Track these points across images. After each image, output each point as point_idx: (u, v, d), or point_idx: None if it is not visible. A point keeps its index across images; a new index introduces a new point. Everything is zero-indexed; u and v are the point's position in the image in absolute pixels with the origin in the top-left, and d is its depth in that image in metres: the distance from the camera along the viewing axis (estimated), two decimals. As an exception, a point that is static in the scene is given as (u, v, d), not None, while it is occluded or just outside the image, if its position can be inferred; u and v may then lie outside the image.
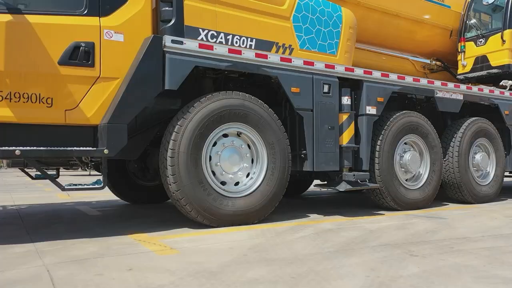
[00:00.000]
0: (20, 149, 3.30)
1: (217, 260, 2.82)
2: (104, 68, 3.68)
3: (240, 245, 3.32)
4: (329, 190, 8.47)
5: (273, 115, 4.52)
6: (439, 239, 3.58)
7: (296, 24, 4.79)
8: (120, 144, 3.65)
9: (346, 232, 3.92)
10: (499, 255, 3.00)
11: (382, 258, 2.89)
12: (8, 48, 3.33)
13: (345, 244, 3.35)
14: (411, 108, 6.61)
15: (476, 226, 4.27)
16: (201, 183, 4.02)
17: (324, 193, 8.23)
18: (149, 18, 3.94)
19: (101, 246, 3.24)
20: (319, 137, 4.85)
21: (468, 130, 6.43)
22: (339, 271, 2.57)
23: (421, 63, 8.26)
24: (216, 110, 4.13)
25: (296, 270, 2.59)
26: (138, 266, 2.65)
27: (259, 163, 4.46)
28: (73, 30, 3.58)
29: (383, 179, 5.37)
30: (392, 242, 3.46)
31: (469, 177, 6.33)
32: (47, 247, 3.24)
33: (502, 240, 3.58)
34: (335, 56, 5.12)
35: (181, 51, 3.96)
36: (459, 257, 2.94)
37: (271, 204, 4.46)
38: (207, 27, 4.16)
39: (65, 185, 3.59)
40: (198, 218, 4.05)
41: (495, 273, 2.55)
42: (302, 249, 3.18)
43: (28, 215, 5.15)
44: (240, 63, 4.32)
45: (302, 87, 4.73)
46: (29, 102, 3.39)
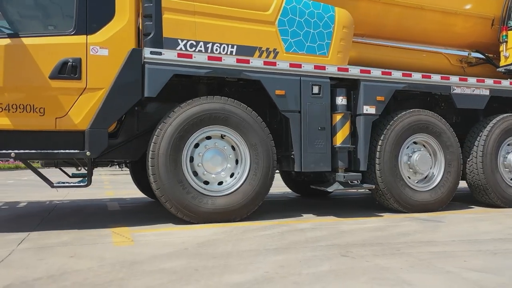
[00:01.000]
0: (15, 152, 3.92)
1: (153, 252, 3.12)
2: (90, 80, 4.17)
3: (195, 240, 3.58)
4: (360, 191, 8.31)
5: (256, 117, 4.70)
6: (399, 242, 3.51)
7: (281, 28, 4.90)
8: (101, 147, 4.12)
9: (313, 232, 3.98)
10: (435, 259, 2.90)
11: (307, 257, 2.97)
12: (7, 67, 3.94)
13: (292, 243, 3.44)
14: (433, 106, 6.33)
15: (461, 231, 4.06)
16: (181, 182, 4.35)
17: (353, 194, 8.10)
18: (132, 32, 4.36)
19: (76, 237, 3.72)
20: (308, 138, 4.91)
21: (496, 128, 5.97)
22: (248, 266, 2.72)
23: (457, 57, 7.75)
24: (195, 114, 4.43)
25: (209, 263, 2.79)
26: (81, 254, 3.05)
27: (243, 163, 4.67)
28: (62, 48, 4.11)
29: (384, 180, 5.25)
30: (344, 243, 3.48)
31: (497, 179, 5.88)
32: (35, 236, 3.80)
33: (466, 245, 3.40)
34: (326, 57, 5.13)
35: (160, 61, 4.33)
36: (389, 259, 2.91)
37: (254, 203, 4.64)
38: (186, 37, 4.47)
39: (55, 182, 4.15)
40: (178, 214, 4.38)
41: (400, 275, 2.52)
42: (245, 246, 3.35)
43: (59, 208, 5.90)
44: (220, 69, 4.57)
45: (288, 89, 4.84)
46: (25, 112, 3.99)
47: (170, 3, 4.42)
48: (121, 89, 4.18)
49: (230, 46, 4.66)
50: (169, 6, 4.42)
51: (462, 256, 3.02)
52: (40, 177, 4.17)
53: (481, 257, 2.99)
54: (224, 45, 4.64)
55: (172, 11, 4.43)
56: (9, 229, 4.18)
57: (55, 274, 2.52)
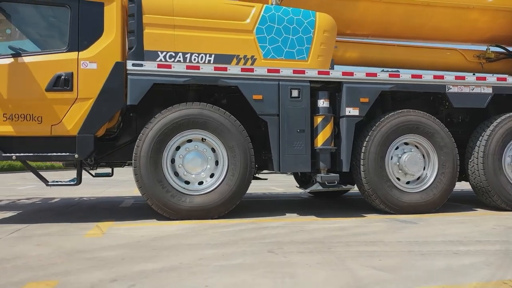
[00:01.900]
0: (16, 155, 4.57)
1: (108, 243, 3.56)
2: (81, 91, 4.72)
3: (155, 234, 3.98)
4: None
5: (234, 121, 4.99)
6: (342, 241, 3.64)
7: (259, 36, 5.14)
8: (88, 150, 4.66)
9: (272, 230, 4.20)
10: (352, 258, 3.02)
11: (233, 252, 3.23)
12: (11, 82, 4.60)
13: (238, 239, 3.71)
14: (437, 105, 6.19)
15: (422, 233, 4.06)
16: (160, 182, 4.77)
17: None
18: (118, 47, 4.85)
19: (61, 229, 4.27)
20: (287, 140, 5.11)
21: (500, 128, 5.73)
22: (170, 258, 3.04)
23: (475, 52, 7.43)
24: (174, 119, 4.83)
25: (141, 254, 3.16)
26: (48, 243, 3.57)
27: (221, 165, 4.98)
28: (57, 64, 4.69)
29: (369, 181, 5.29)
30: (288, 240, 3.67)
31: (500, 180, 5.64)
32: (31, 227, 4.42)
33: (406, 246, 3.45)
34: (305, 61, 5.28)
35: (141, 72, 4.78)
36: (307, 256, 3.08)
37: (231, 202, 4.94)
38: (165, 49, 4.88)
39: (50, 181, 4.77)
40: (159, 211, 4.81)
41: (295, 270, 2.70)
42: (194, 241, 3.69)
43: (80, 204, 6.61)
44: (198, 77, 4.93)
45: (266, 94, 5.07)
46: (25, 120, 4.63)
47: (151, 19, 4.86)
48: (105, 98, 4.70)
49: (208, 55, 5.00)
50: (149, 22, 4.86)
51: (383, 255, 3.10)
52: (36, 176, 4.82)
53: (401, 257, 3.05)
54: (202, 54, 4.99)
55: (152, 26, 4.87)
56: (22, 221, 4.85)
57: (8, 257, 3.03)
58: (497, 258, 2.99)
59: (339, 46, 6.88)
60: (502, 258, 2.98)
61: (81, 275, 2.57)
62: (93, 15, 4.80)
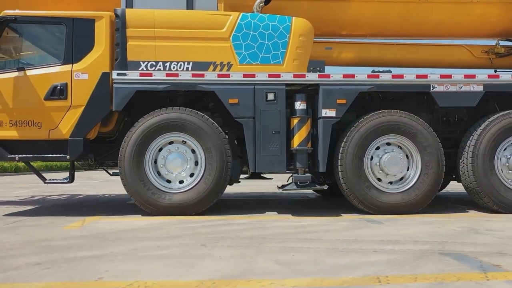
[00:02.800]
0: (19, 156, 5.26)
1: (74, 234, 4.06)
2: (74, 99, 5.29)
3: (124, 227, 4.43)
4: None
5: (212, 124, 5.32)
6: (282, 238, 3.84)
7: (235, 43, 5.42)
8: (77, 152, 5.22)
9: (233, 227, 4.48)
10: (265, 252, 3.23)
11: (170, 244, 3.56)
12: (15, 92, 5.28)
13: (189, 234, 4.04)
14: (431, 105, 6.09)
15: (373, 232, 4.14)
16: (142, 180, 5.22)
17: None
18: (107, 59, 5.36)
19: (51, 222, 4.85)
20: (262, 141, 5.35)
21: (492, 127, 5.53)
22: (108, 248, 3.44)
23: (483, 47, 7.13)
24: (155, 123, 5.25)
25: (91, 243, 3.60)
26: (28, 233, 4.12)
27: (200, 165, 5.33)
28: (54, 76, 5.31)
29: (346, 181, 5.38)
30: (234, 236, 3.95)
31: (491, 182, 5.45)
32: (28, 220, 5.06)
33: (338, 244, 3.58)
34: (281, 65, 5.47)
35: (125, 81, 5.26)
36: (229, 250, 3.34)
37: (209, 200, 5.27)
38: (147, 59, 5.32)
39: (48, 179, 5.40)
40: (141, 207, 5.26)
41: (201, 260, 2.98)
42: (151, 234, 4.08)
43: (97, 200, 7.30)
44: (177, 83, 5.32)
45: (241, 98, 5.34)
46: (27, 126, 5.28)
47: (134, 32, 5.33)
48: (94, 105, 5.24)
49: (186, 63, 5.37)
50: (132, 35, 5.33)
51: (301, 251, 3.27)
52: (36, 174, 5.48)
53: (316, 253, 3.20)
54: (181, 62, 5.37)
55: (135, 38, 5.34)
56: (30, 213, 5.55)
57: (-18, 244, 3.61)
58: (406, 257, 3.04)
59: (334, 47, 6.97)
60: (410, 258, 3.02)
61: (18, 259, 3.04)
62: (85, 30, 5.36)
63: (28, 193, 8.68)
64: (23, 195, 8.46)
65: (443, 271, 2.66)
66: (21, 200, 7.39)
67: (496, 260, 2.94)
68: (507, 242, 3.58)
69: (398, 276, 2.58)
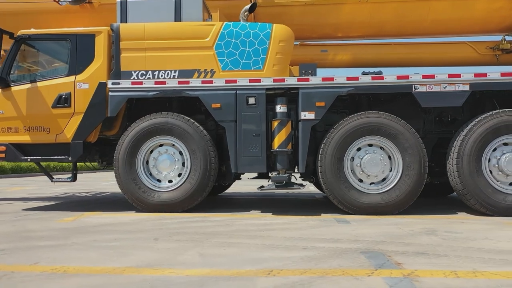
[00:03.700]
0: (29, 158, 5.97)
1: (62, 226, 4.61)
2: (77, 107, 5.92)
3: (109, 222, 4.93)
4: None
5: (197, 127, 5.70)
6: (233, 234, 4.12)
7: (218, 51, 5.76)
8: (78, 154, 5.83)
9: (204, 223, 4.83)
10: (211, 244, 3.54)
11: (126, 237, 3.98)
12: (28, 102, 6.01)
13: (155, 229, 4.44)
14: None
15: (330, 231, 4.29)
16: (134, 180, 5.72)
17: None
18: (105, 69, 5.93)
19: (51, 216, 5.48)
20: (243, 143, 5.65)
21: (479, 127, 5.42)
22: (74, 239, 3.92)
23: (487, 44, 6.90)
24: (145, 127, 5.74)
25: (61, 234, 4.11)
26: (24, 225, 4.73)
27: (186, 166, 5.74)
28: (60, 87, 5.96)
29: (326, 181, 5.53)
30: (192, 231, 4.29)
31: (477, 183, 5.34)
32: (36, 213, 5.74)
33: (282, 241, 3.80)
34: (261, 70, 5.72)
35: (119, 89, 5.80)
36: (172, 243, 3.68)
37: (193, 198, 5.66)
38: (138, 69, 5.81)
39: (54, 178, 6.07)
40: (133, 204, 5.77)
41: (136, 251, 3.35)
42: (124, 228, 4.53)
43: (108, 197, 7.97)
44: (165, 90, 5.77)
45: (224, 102, 5.68)
46: (37, 131, 5.98)
47: (126, 45, 5.85)
48: (91, 112, 5.82)
49: (173, 71, 5.80)
50: (125, 47, 5.85)
51: (236, 246, 3.54)
52: (45, 174, 6.18)
53: (247, 248, 3.45)
54: (168, 71, 5.81)
55: (128, 50, 5.86)
56: (43, 208, 6.26)
57: (-24, 232, 4.26)
58: (324, 254, 3.20)
59: (329, 49, 7.10)
60: (326, 255, 3.18)
61: (-9, 246, 3.61)
62: (87, 45, 5.97)
63: (64, 191, 9.59)
64: (58, 192, 9.38)
65: (340, 267, 2.82)
66: (52, 197, 8.24)
67: (406, 259, 3.03)
68: (448, 244, 3.60)
69: (291, 270, 2.78)
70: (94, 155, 6.52)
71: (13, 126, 6.02)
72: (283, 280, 2.55)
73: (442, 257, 3.11)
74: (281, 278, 2.61)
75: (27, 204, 6.92)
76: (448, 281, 2.52)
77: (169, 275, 2.71)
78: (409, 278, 2.56)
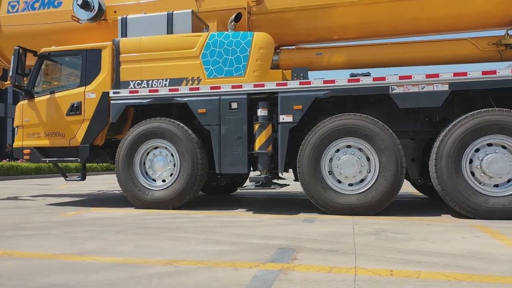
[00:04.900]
0: (48, 159, 6.83)
1: (58, 219, 5.31)
2: (86, 114, 6.67)
3: (103, 216, 5.56)
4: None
5: (186, 131, 6.18)
6: (189, 229, 4.53)
7: (204, 60, 6.18)
8: (85, 156, 6.58)
9: (178, 219, 5.29)
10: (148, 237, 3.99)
11: (97, 230, 4.54)
12: (48, 110, 6.88)
13: (131, 223, 4.98)
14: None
15: (279, 229, 4.53)
16: (131, 179, 6.34)
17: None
18: (109, 80, 6.62)
19: (61, 210, 6.26)
20: (226, 146, 6.02)
21: (458, 128, 5.33)
22: (57, 230, 4.56)
23: (490, 39, 6.60)
24: (141, 131, 6.33)
25: (48, 225, 4.78)
26: (27, 218, 5.52)
27: (176, 166, 6.24)
28: (72, 97, 6.76)
29: (304, 182, 5.74)
30: (155, 226, 4.76)
31: (456, 185, 5.26)
32: (50, 208, 6.56)
33: (212, 235, 4.14)
34: (243, 76, 6.04)
35: (119, 97, 6.45)
36: (126, 236, 4.17)
37: (182, 197, 6.15)
38: (135, 79, 6.42)
39: (68, 177, 6.88)
40: (131, 201, 6.39)
41: (87, 241, 3.88)
42: (103, 222, 5.12)
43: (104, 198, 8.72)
44: (158, 97, 6.32)
45: (209, 108, 6.10)
46: (54, 136, 6.83)
47: (125, 57, 6.50)
48: (96, 118, 6.54)
49: (165, 80, 6.33)
50: (124, 59, 6.50)
51: (176, 240, 3.94)
52: (60, 174, 7.00)
53: (158, 238, 3.85)
54: (160, 80, 6.35)
55: (126, 62, 6.50)
56: (62, 204, 7.11)
57: (-14, 222, 5.07)
58: (241, 249, 3.49)
59: (324, 52, 7.22)
60: (242, 249, 3.46)
61: (-17, 233, 4.35)
62: (95, 58, 6.72)
63: (100, 189, 10.61)
64: (94, 189, 10.39)
65: (239, 260, 3.10)
66: (85, 194, 9.20)
67: (306, 255, 3.23)
68: (377, 244, 3.69)
69: (190, 260, 3.12)
70: (106, 157, 7.25)
71: (36, 131, 6.93)
72: (170, 269, 2.91)
73: (345, 255, 3.26)
74: (171, 267, 2.96)
75: (59, 199, 7.87)
76: (313, 274, 2.71)
77: (89, 261, 3.18)
78: (281, 271, 2.79)
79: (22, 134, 7.03)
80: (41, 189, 10.81)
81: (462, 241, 3.80)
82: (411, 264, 2.97)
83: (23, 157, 7.04)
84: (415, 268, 2.85)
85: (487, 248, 3.48)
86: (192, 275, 2.75)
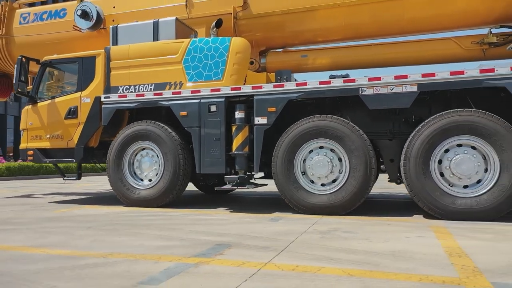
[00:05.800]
0: (48, 160, 7.34)
1: (48, 215, 5.76)
2: (81, 118, 7.13)
3: (91, 213, 5.97)
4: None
5: (169, 133, 6.50)
6: (163, 226, 4.83)
7: (186, 65, 6.47)
8: (79, 156, 7.03)
9: (154, 216, 5.61)
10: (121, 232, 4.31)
11: (71, 225, 4.92)
12: (49, 115, 7.39)
13: (105, 218, 5.34)
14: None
15: (234, 226, 4.74)
16: (120, 179, 6.73)
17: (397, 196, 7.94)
18: (102, 85, 7.05)
19: (56, 207, 6.73)
20: (205, 147, 6.29)
21: (426, 129, 5.35)
22: (40, 226, 4.98)
23: (473, 38, 6.53)
24: (129, 133, 6.71)
25: (34, 221, 5.21)
26: (23, 213, 6.00)
27: (160, 167, 6.57)
28: (70, 102, 7.24)
29: (277, 182, 5.93)
30: (128, 223, 5.09)
31: (424, 185, 5.28)
32: (49, 205, 7.06)
33: (170, 231, 4.41)
34: (221, 80, 6.28)
35: (109, 102, 6.86)
36: (97, 231, 4.52)
37: (165, 196, 6.47)
38: (123, 84, 6.80)
39: (66, 177, 7.36)
40: (120, 199, 6.78)
41: (61, 235, 4.25)
42: (83, 219, 5.51)
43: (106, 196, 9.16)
44: (144, 101, 6.67)
45: (189, 111, 6.38)
46: (54, 138, 7.33)
47: (115, 64, 6.90)
48: (89, 122, 6.98)
49: (150, 85, 6.68)
50: (114, 66, 6.90)
51: (135, 235, 4.24)
52: (60, 173, 7.50)
53: (136, 234, 4.14)
54: (146, 85, 6.70)
55: (116, 69, 6.89)
56: (65, 202, 7.62)
57: (-19, 218, 5.58)
58: (185, 244, 3.75)
59: (309, 54, 7.36)
60: (185, 245, 3.71)
61: (-30, 227, 4.81)
62: (90, 65, 7.17)
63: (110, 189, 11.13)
64: (106, 188, 10.95)
65: (170, 254, 3.35)
66: (92, 192, 9.75)
67: (235, 251, 3.43)
68: (319, 243, 3.82)
69: (125, 253, 3.40)
70: (102, 158, 7.69)
71: (38, 134, 7.47)
72: (100, 260, 3.20)
73: (272, 251, 3.43)
74: (103, 259, 3.25)
75: (65, 197, 8.42)
76: (222, 268, 2.92)
77: (40, 253, 3.52)
78: (196, 264, 3.02)
79: (26, 136, 7.60)
80: (59, 188, 11.49)
81: (401, 240, 3.87)
82: (324, 261, 3.11)
83: (27, 158, 7.59)
84: (323, 265, 2.99)
85: (417, 247, 3.55)
86: (113, 266, 3.02)
